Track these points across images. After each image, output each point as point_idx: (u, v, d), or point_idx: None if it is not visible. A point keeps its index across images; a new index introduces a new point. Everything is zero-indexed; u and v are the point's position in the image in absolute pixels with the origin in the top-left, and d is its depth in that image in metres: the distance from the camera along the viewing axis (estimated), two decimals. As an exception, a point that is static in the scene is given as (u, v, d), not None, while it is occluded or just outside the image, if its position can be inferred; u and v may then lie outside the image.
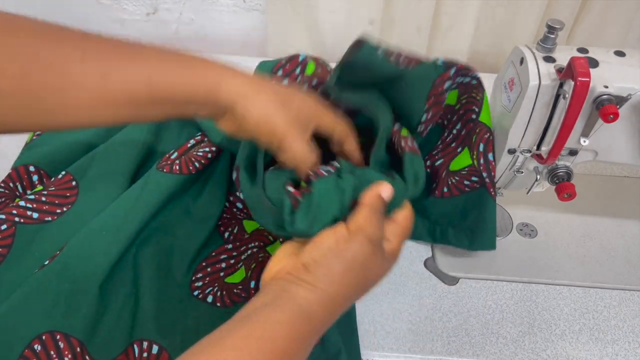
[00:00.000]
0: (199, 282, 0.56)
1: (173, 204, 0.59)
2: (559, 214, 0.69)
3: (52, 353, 0.48)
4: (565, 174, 0.55)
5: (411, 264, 0.62)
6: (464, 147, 0.60)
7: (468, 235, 0.60)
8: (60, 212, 0.58)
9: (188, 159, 0.60)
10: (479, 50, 0.94)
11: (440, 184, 0.61)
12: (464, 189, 0.59)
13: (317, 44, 0.94)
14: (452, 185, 0.60)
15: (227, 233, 0.61)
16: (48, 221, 0.57)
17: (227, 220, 0.62)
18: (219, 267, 0.58)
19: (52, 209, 0.58)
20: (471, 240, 0.60)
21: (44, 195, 0.59)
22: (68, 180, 0.61)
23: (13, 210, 0.57)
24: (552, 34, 0.50)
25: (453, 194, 0.60)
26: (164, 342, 0.51)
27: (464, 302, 0.59)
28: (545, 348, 0.55)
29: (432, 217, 0.62)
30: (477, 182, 0.58)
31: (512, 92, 0.53)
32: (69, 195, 0.59)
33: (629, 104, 0.49)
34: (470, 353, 0.54)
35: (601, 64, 0.50)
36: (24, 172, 0.62)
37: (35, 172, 0.63)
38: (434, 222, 0.62)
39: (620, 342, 0.56)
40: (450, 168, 0.60)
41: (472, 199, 0.59)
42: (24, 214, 0.57)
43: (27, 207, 0.57)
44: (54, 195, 0.59)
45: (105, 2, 0.93)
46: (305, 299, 0.38)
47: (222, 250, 0.59)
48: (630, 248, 0.65)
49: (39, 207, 0.58)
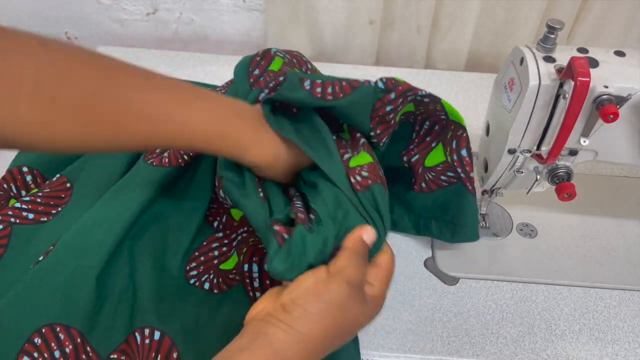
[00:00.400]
0: (193, 271, 0.57)
1: (163, 197, 0.59)
2: (559, 214, 0.69)
3: (53, 345, 0.48)
4: (565, 174, 0.55)
5: (411, 264, 0.62)
6: (439, 142, 0.60)
7: (450, 228, 0.61)
8: (56, 212, 0.59)
9: (177, 151, 0.60)
10: (479, 50, 0.94)
11: (418, 180, 0.62)
12: (441, 183, 0.60)
13: (317, 44, 0.94)
14: (429, 180, 0.61)
15: (217, 222, 0.61)
16: (44, 221, 0.58)
17: (215, 210, 0.62)
18: (212, 256, 0.58)
19: (48, 209, 0.59)
20: (453, 233, 0.61)
21: (39, 196, 0.59)
22: (63, 182, 0.61)
23: (9, 212, 0.57)
24: (552, 34, 0.50)
25: (431, 188, 0.61)
26: (165, 329, 0.51)
27: (464, 302, 0.59)
28: (545, 348, 0.55)
29: (416, 211, 0.63)
30: (453, 177, 0.59)
31: (512, 92, 0.53)
32: (64, 197, 0.60)
33: (629, 104, 0.49)
34: (470, 353, 0.55)
35: (601, 64, 0.50)
36: (17, 173, 0.63)
37: (29, 172, 0.63)
38: (417, 215, 0.63)
39: (620, 342, 0.56)
40: (425, 164, 0.61)
41: (450, 193, 0.60)
42: (19, 214, 0.57)
43: (22, 208, 0.58)
44: (48, 197, 0.59)
45: (105, 2, 0.93)
46: (280, 341, 0.38)
47: (213, 239, 0.59)
48: (630, 248, 0.65)
49: (34, 208, 0.58)
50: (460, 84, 0.89)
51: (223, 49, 0.99)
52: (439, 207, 0.61)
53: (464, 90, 0.87)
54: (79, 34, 0.99)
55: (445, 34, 0.90)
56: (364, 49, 0.91)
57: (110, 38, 0.98)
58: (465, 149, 0.57)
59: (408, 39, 0.90)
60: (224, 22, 0.95)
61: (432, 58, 0.95)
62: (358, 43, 0.90)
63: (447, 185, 0.60)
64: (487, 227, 0.65)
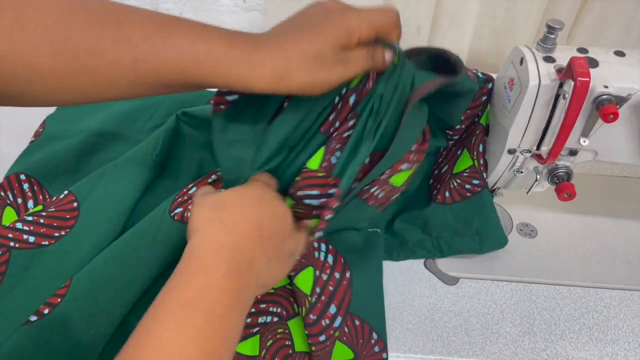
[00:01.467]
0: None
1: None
2: (559, 214, 0.69)
3: None
4: (565, 174, 0.55)
5: (411, 264, 0.62)
6: (464, 148, 0.61)
7: (476, 240, 0.61)
8: (59, 235, 0.56)
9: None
10: (479, 50, 0.94)
11: (442, 189, 0.62)
12: (465, 194, 0.60)
13: (317, 44, 0.94)
14: (454, 189, 0.61)
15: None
16: (45, 245, 0.55)
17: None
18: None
19: (50, 232, 0.56)
20: (481, 244, 0.61)
21: (43, 216, 0.56)
22: (70, 200, 0.58)
23: (9, 234, 0.55)
24: (552, 34, 0.50)
25: (454, 199, 0.61)
26: None
27: (464, 302, 0.59)
28: (545, 348, 0.55)
29: (435, 232, 0.62)
30: (478, 185, 0.59)
31: (512, 92, 0.53)
32: (69, 218, 0.57)
33: (629, 104, 0.49)
34: (470, 353, 0.55)
35: (601, 64, 0.50)
36: (14, 180, 0.62)
37: (26, 180, 0.62)
38: (437, 237, 0.62)
39: (620, 342, 0.56)
40: (453, 172, 0.61)
41: (474, 204, 0.60)
42: (20, 237, 0.55)
43: (23, 230, 0.55)
44: (53, 217, 0.57)
45: (105, 2, 0.93)
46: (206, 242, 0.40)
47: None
48: (630, 248, 0.65)
49: (36, 230, 0.55)
50: (460, 84, 0.89)
51: (223, 49, 0.99)
52: (461, 221, 0.61)
53: (464, 90, 0.87)
54: (79, 34, 0.99)
55: (445, 34, 0.90)
56: (364, 49, 0.91)
57: (111, 38, 0.98)
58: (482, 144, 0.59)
59: (408, 39, 0.89)
60: (224, 22, 0.95)
61: (432, 58, 0.95)
62: (358, 43, 0.90)
63: (470, 195, 0.60)
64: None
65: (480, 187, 0.59)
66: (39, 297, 0.51)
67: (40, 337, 0.48)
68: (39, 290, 0.52)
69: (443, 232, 0.61)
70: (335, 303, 0.54)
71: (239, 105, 0.48)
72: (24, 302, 0.51)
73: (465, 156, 0.61)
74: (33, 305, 0.50)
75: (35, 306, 0.50)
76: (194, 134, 0.69)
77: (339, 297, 0.55)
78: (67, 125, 0.71)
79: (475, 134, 0.59)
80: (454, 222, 0.61)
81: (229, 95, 0.48)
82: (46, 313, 0.49)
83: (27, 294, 0.51)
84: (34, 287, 0.52)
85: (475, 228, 0.60)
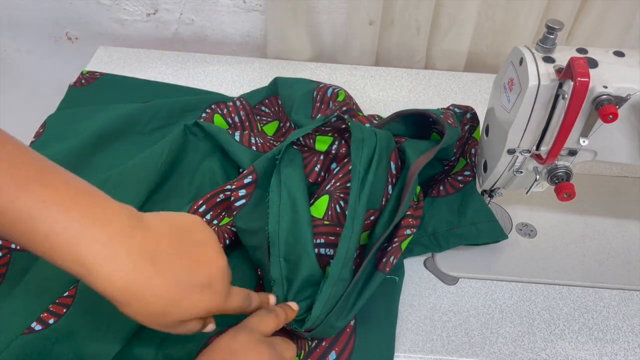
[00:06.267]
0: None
1: None
2: (559, 214, 0.69)
3: None
4: (565, 174, 0.55)
5: (411, 264, 0.62)
6: (459, 158, 0.66)
7: (473, 231, 0.61)
8: None
9: (220, 232, 0.56)
10: (479, 50, 0.94)
11: (437, 185, 0.65)
12: (457, 185, 0.63)
13: (316, 44, 0.94)
14: (448, 183, 0.64)
15: None
16: None
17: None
18: None
19: None
20: (478, 234, 0.61)
21: None
22: None
23: None
24: (552, 34, 0.50)
25: (448, 191, 0.63)
26: None
27: (464, 302, 0.59)
28: (545, 347, 0.55)
29: (430, 228, 0.62)
30: (469, 175, 0.63)
31: (511, 93, 0.53)
32: None
33: (628, 104, 0.49)
34: (470, 353, 0.55)
35: (600, 64, 0.50)
36: None
37: None
38: (432, 234, 0.62)
39: (619, 342, 0.56)
40: (450, 174, 0.65)
41: (466, 193, 0.62)
42: None
43: None
44: None
45: (105, 3, 0.93)
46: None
47: None
48: (630, 248, 0.65)
49: None
50: (460, 84, 0.89)
51: (223, 49, 0.99)
52: (456, 213, 0.61)
53: (463, 90, 0.88)
54: (79, 34, 0.99)
55: (445, 34, 0.90)
56: (363, 49, 0.91)
57: (111, 38, 0.98)
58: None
59: (408, 39, 0.90)
60: (224, 22, 0.95)
61: (431, 58, 0.95)
62: (358, 43, 0.91)
63: (462, 186, 0.62)
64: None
65: (471, 177, 0.63)
66: (39, 301, 0.51)
67: (44, 347, 0.48)
68: (39, 293, 0.51)
69: (439, 228, 0.62)
70: (336, 350, 0.52)
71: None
72: (24, 305, 0.51)
73: (461, 162, 0.65)
74: (33, 309, 0.50)
75: (35, 310, 0.50)
76: (200, 144, 0.69)
77: (340, 344, 0.53)
78: (67, 126, 0.71)
79: (469, 143, 0.65)
80: (449, 215, 0.62)
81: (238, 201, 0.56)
82: (51, 323, 0.49)
83: (27, 297, 0.51)
84: (34, 290, 0.52)
85: (470, 218, 0.61)
